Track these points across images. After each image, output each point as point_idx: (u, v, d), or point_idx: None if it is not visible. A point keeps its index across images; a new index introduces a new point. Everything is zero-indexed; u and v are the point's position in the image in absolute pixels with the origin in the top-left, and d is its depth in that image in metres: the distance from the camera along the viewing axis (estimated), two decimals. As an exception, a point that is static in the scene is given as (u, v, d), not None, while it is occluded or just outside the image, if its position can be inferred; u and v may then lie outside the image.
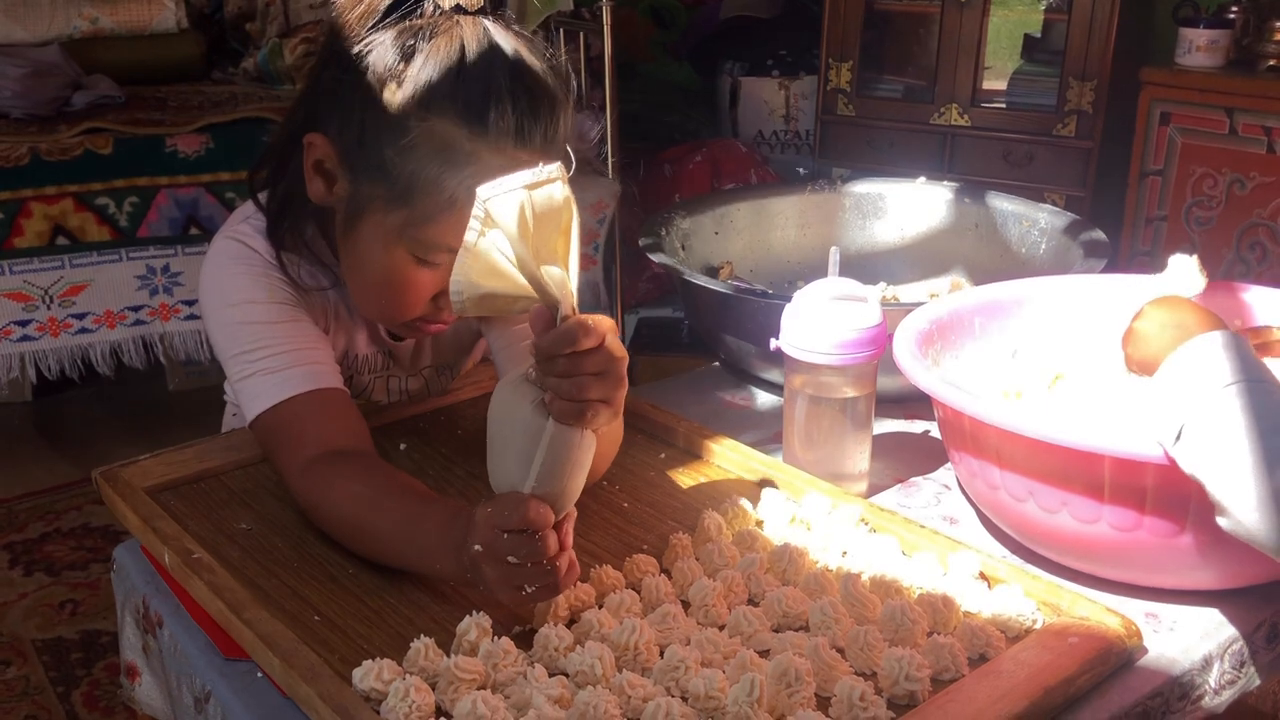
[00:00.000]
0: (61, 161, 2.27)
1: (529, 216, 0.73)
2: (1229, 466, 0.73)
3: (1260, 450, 0.72)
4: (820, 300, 1.01)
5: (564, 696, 0.75)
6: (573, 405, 0.77)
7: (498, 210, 0.73)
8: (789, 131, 3.35)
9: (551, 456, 0.79)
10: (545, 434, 0.79)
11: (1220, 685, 0.85)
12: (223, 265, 1.04)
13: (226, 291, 1.03)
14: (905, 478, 1.10)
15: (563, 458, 0.79)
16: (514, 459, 0.80)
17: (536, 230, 0.74)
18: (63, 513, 2.53)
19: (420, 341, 1.17)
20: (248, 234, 1.05)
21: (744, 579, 0.88)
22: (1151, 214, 2.60)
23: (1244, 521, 0.73)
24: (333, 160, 0.97)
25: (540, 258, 0.75)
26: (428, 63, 0.90)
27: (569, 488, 0.81)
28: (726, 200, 1.56)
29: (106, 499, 1.01)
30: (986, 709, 0.73)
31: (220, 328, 1.03)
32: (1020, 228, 1.48)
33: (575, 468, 0.81)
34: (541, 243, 0.75)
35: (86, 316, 2.36)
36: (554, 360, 0.77)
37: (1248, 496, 0.72)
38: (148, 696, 1.00)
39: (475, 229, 0.74)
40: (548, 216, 0.74)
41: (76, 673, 2.01)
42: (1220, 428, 0.74)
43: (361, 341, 1.13)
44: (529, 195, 0.73)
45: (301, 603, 0.87)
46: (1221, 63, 2.48)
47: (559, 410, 0.78)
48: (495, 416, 0.82)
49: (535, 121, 0.91)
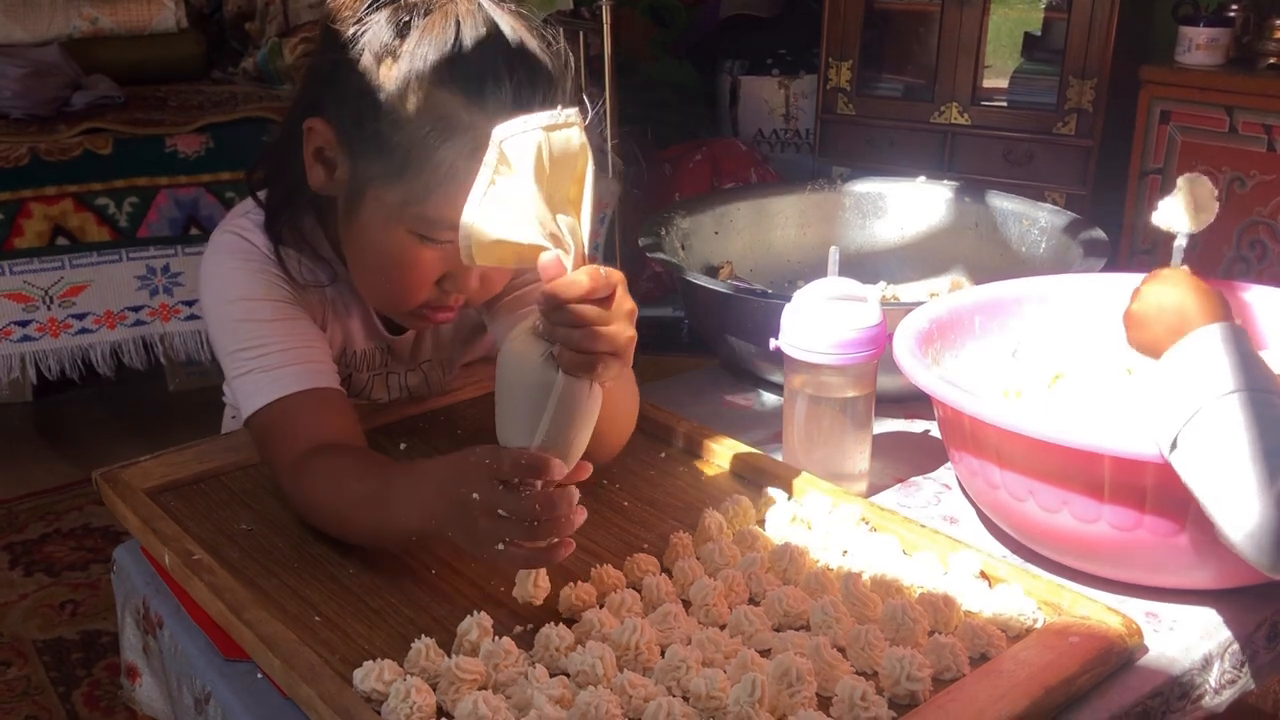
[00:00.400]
0: (61, 162, 2.27)
1: (545, 159, 0.72)
2: (1221, 485, 0.73)
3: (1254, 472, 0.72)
4: (820, 300, 1.01)
5: (565, 696, 0.75)
6: (582, 356, 0.77)
7: (513, 150, 0.72)
8: (789, 130, 3.35)
9: (561, 410, 0.78)
10: (555, 387, 0.77)
11: (1220, 685, 0.85)
12: (221, 260, 1.04)
13: (224, 287, 1.03)
14: (905, 477, 1.10)
15: (572, 411, 0.78)
16: (523, 412, 0.79)
17: (552, 174, 0.73)
18: (63, 513, 2.53)
19: (420, 335, 1.17)
20: (247, 228, 1.05)
21: (745, 578, 0.88)
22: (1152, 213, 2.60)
23: (1233, 539, 0.73)
24: (332, 145, 0.97)
25: (553, 203, 0.74)
26: (423, 38, 0.91)
27: (576, 442, 0.80)
28: (726, 199, 1.56)
29: (107, 500, 1.01)
30: (987, 708, 0.73)
31: (218, 323, 1.03)
32: (1020, 227, 1.47)
33: (584, 422, 0.80)
34: (555, 188, 0.74)
35: (87, 317, 2.36)
36: (562, 309, 0.76)
37: (1238, 515, 0.72)
38: (148, 697, 1.00)
39: (488, 173, 0.73)
40: (564, 161, 0.73)
41: (77, 673, 2.01)
42: (1214, 444, 0.74)
43: (359, 337, 1.13)
44: (546, 137, 0.72)
45: (302, 603, 0.87)
46: (1221, 61, 2.48)
47: (568, 361, 0.77)
48: (504, 370, 0.81)
49: (533, 91, 0.91)
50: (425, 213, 0.94)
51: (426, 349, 1.18)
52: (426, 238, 0.95)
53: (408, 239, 0.96)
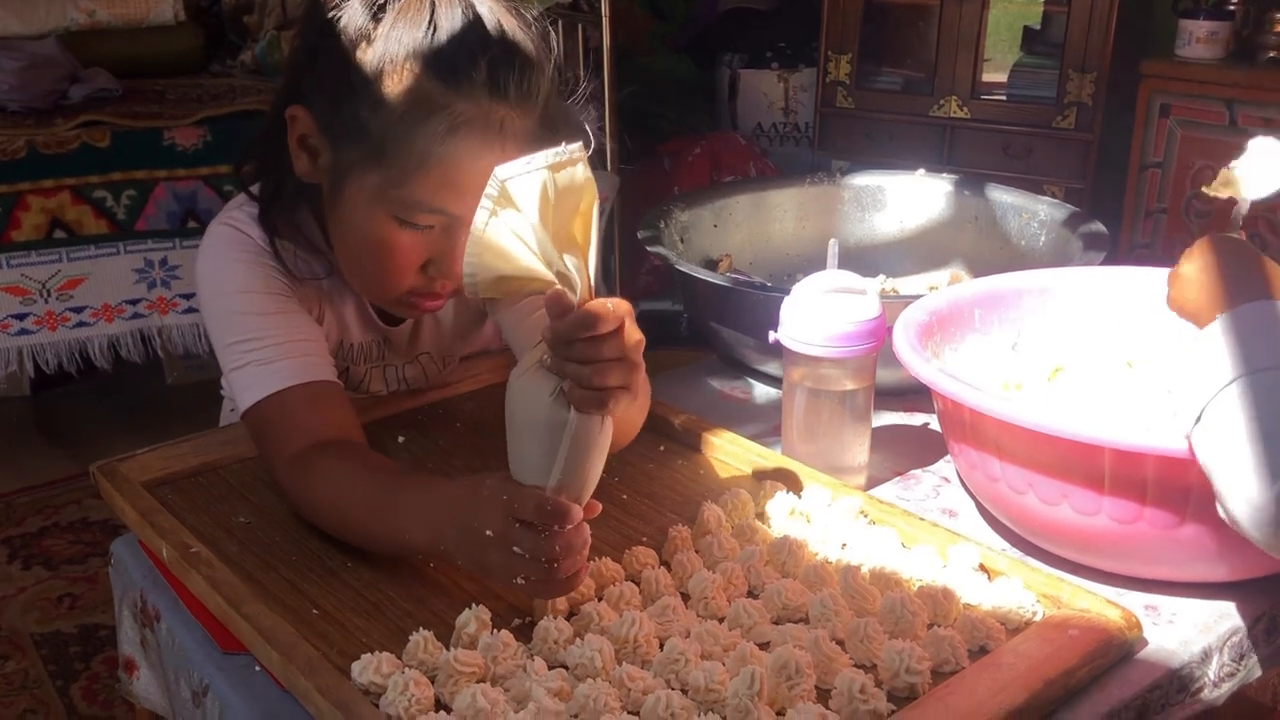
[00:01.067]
0: (58, 154, 2.27)
1: (550, 196, 0.72)
2: (1234, 458, 0.72)
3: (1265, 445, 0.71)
4: (819, 292, 1.01)
5: (564, 689, 0.75)
6: (593, 394, 0.76)
7: (518, 190, 0.72)
8: (788, 124, 3.34)
9: (575, 449, 0.78)
10: (568, 426, 0.77)
11: (1220, 678, 0.85)
12: (217, 253, 1.04)
13: (220, 280, 1.03)
14: (905, 470, 1.09)
15: (586, 448, 0.78)
16: (536, 450, 0.79)
17: (556, 210, 0.73)
18: (61, 507, 2.53)
19: (417, 327, 1.16)
20: (243, 220, 1.04)
21: (744, 571, 0.88)
22: (1151, 206, 2.60)
23: (1239, 518, 0.72)
24: (314, 131, 0.97)
25: (559, 239, 0.74)
26: (398, 19, 0.91)
27: (590, 476, 0.80)
28: (725, 193, 1.56)
29: (104, 493, 1.01)
30: (987, 701, 0.73)
31: (214, 316, 1.03)
32: (1020, 220, 1.47)
33: (597, 456, 0.80)
34: (560, 224, 0.74)
35: (84, 310, 2.36)
36: (571, 345, 0.75)
37: (1246, 492, 0.71)
38: (146, 690, 1.00)
39: (487, 209, 0.73)
40: (568, 198, 0.73)
41: (75, 666, 2.01)
42: (1234, 418, 0.73)
43: (356, 330, 1.13)
44: (551, 176, 0.72)
45: (300, 596, 0.87)
46: (1221, 54, 2.48)
47: (579, 399, 0.77)
48: (514, 408, 0.80)
49: (509, 72, 0.91)
50: (404, 196, 0.93)
51: (424, 341, 1.18)
52: (407, 222, 0.95)
53: (389, 223, 0.95)
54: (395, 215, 0.95)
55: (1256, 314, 0.78)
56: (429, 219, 0.95)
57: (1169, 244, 2.58)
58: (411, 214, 0.94)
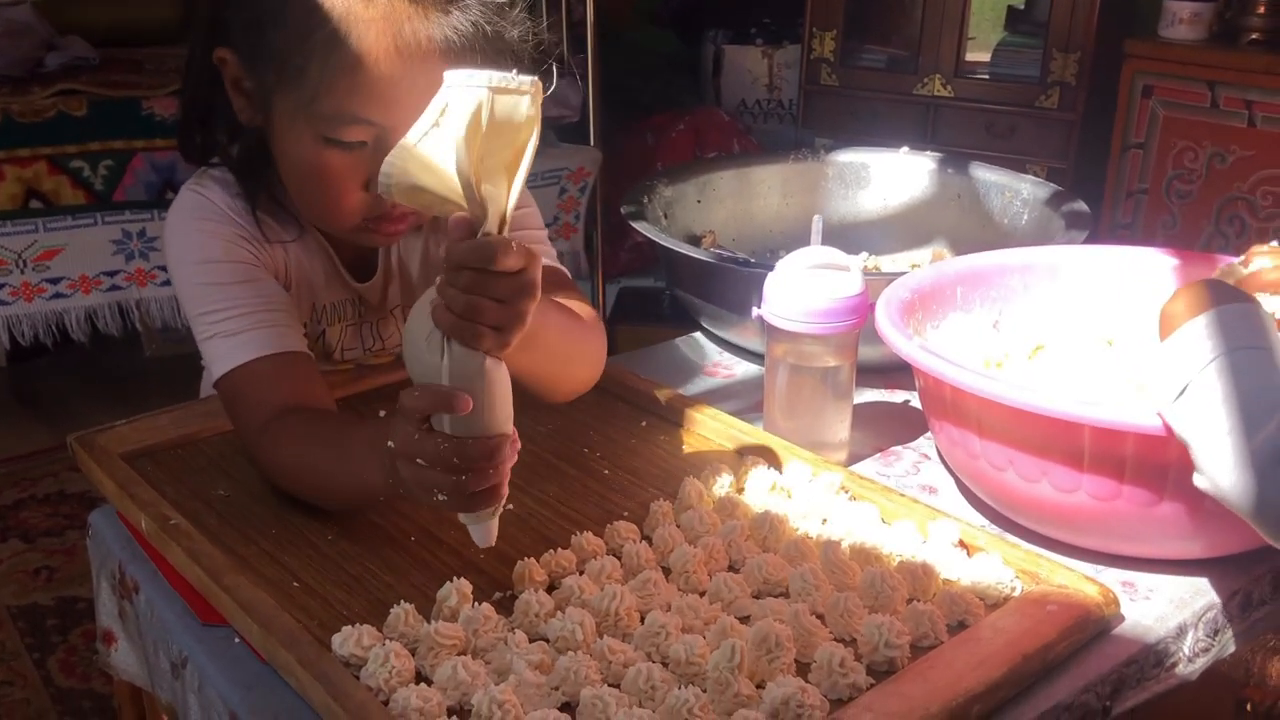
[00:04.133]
0: (34, 123, 2.24)
1: (484, 119, 0.70)
2: (1215, 426, 0.73)
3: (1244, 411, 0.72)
4: (803, 269, 1.01)
5: (544, 662, 0.75)
6: (459, 321, 0.75)
7: (454, 100, 0.70)
8: (772, 101, 3.34)
9: (455, 375, 0.76)
10: (445, 353, 0.76)
11: (1194, 653, 0.86)
12: (182, 220, 1.03)
13: (184, 249, 1.02)
14: (885, 447, 1.10)
15: (465, 375, 0.76)
16: (424, 373, 0.78)
17: (488, 137, 0.71)
18: (38, 479, 2.51)
19: (387, 281, 1.15)
20: (207, 185, 1.04)
21: (725, 546, 0.88)
22: (1133, 187, 2.61)
23: (1220, 482, 0.73)
24: (240, 69, 0.96)
25: (484, 166, 0.72)
26: None
27: (482, 406, 0.77)
28: (709, 169, 1.55)
29: (82, 464, 1.00)
30: (965, 675, 0.73)
31: (180, 286, 1.02)
32: (1003, 198, 1.47)
33: (484, 390, 0.77)
34: (490, 152, 0.72)
35: (61, 281, 2.33)
36: (460, 272, 0.74)
37: (1228, 457, 0.72)
38: (124, 662, 1.00)
39: (430, 117, 0.72)
40: (504, 127, 0.71)
41: (52, 639, 2.01)
42: (1215, 389, 0.74)
43: (326, 291, 1.11)
44: (490, 97, 0.70)
45: (280, 569, 0.87)
46: (1204, 35, 2.48)
47: (443, 321, 0.75)
48: (406, 330, 0.80)
49: None
50: (322, 109, 0.92)
51: (395, 293, 1.17)
52: (332, 139, 0.94)
53: (317, 145, 0.94)
54: (320, 134, 0.94)
55: (1235, 310, 0.79)
56: (354, 133, 0.93)
57: (1150, 224, 2.59)
58: (334, 129, 0.93)
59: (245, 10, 0.94)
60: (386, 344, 1.19)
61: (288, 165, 0.99)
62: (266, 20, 0.92)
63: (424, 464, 0.78)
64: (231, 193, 1.03)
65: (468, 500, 0.79)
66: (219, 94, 0.99)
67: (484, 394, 0.77)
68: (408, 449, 0.78)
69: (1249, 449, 0.71)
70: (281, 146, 0.98)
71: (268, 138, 0.99)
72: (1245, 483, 0.71)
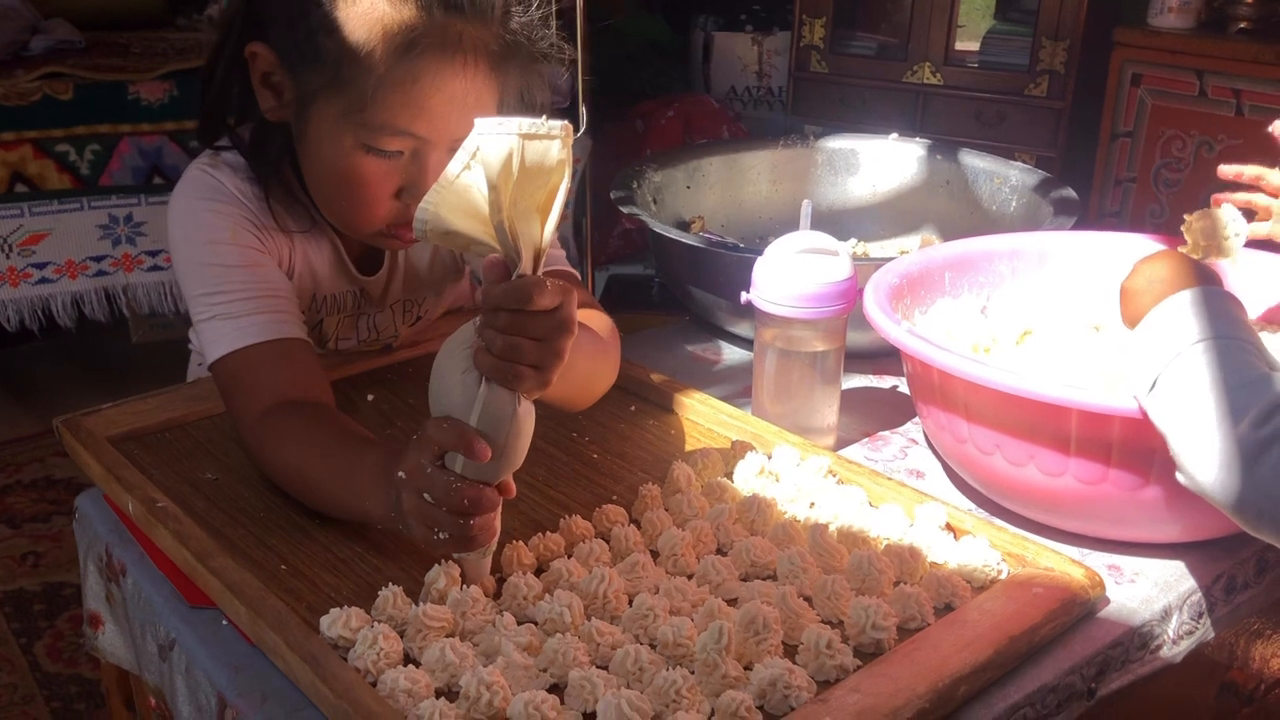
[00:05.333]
0: (20, 107, 2.23)
1: (514, 165, 0.71)
2: (1191, 421, 0.74)
3: (1220, 407, 0.72)
4: (792, 253, 1.01)
5: (533, 644, 0.75)
6: (499, 363, 0.75)
7: (485, 148, 0.71)
8: (761, 88, 3.33)
9: (486, 416, 0.77)
10: (479, 393, 0.77)
11: (1179, 635, 0.87)
12: (189, 199, 1.02)
13: (190, 228, 1.01)
14: (873, 432, 1.10)
15: (496, 418, 0.77)
16: (451, 411, 0.78)
17: (520, 182, 0.72)
18: (24, 465, 2.50)
19: (392, 276, 1.15)
20: (216, 165, 1.03)
21: (713, 529, 0.88)
22: (1121, 175, 2.62)
23: (1199, 478, 0.74)
24: (275, 67, 0.96)
25: (517, 210, 0.73)
26: None
27: (507, 449, 0.78)
28: (699, 154, 1.55)
29: (69, 447, 1.00)
30: (951, 657, 0.74)
31: (183, 264, 1.01)
32: (991, 185, 1.48)
33: (511, 432, 0.78)
34: (522, 196, 0.73)
35: (47, 266, 2.32)
36: (498, 313, 0.75)
37: (1207, 453, 0.72)
38: (111, 645, 0.99)
39: (462, 160, 0.73)
40: (536, 172, 0.72)
41: (39, 624, 2.00)
42: (1188, 382, 0.75)
43: (330, 281, 1.11)
44: (521, 144, 0.71)
45: (268, 552, 0.87)
46: (1193, 24, 2.49)
47: (484, 363, 0.76)
48: (437, 365, 0.80)
49: None
50: (367, 120, 0.92)
51: (398, 289, 1.17)
52: (374, 148, 0.94)
53: (356, 152, 0.94)
54: (362, 142, 0.94)
55: (1202, 295, 0.79)
56: (396, 143, 0.93)
57: (1138, 213, 2.60)
58: (377, 139, 0.93)
59: (291, 11, 0.93)
60: (381, 335, 1.19)
61: (319, 166, 0.98)
62: (317, 26, 0.91)
63: (430, 500, 0.78)
64: (242, 177, 1.02)
65: (468, 541, 0.79)
66: (242, 83, 0.99)
67: (508, 440, 0.78)
68: (417, 481, 0.78)
69: (1224, 445, 0.71)
70: (315, 148, 0.97)
71: (295, 134, 0.98)
72: (1223, 479, 0.72)
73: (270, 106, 0.98)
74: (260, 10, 0.96)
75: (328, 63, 0.91)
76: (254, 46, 0.96)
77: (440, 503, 0.77)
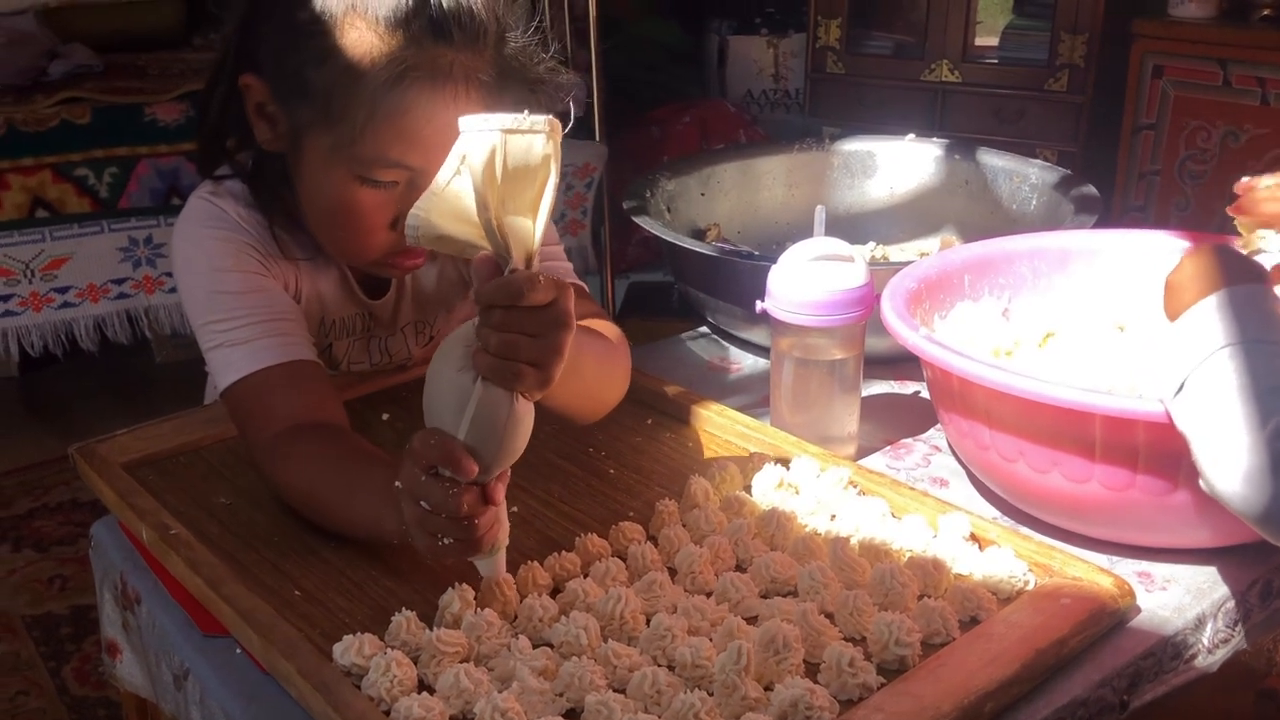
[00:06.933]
0: (38, 132, 2.24)
1: (498, 162, 0.70)
2: (1214, 427, 0.71)
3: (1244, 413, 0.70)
4: (806, 260, 0.99)
5: (549, 668, 0.74)
6: (497, 362, 0.74)
7: (469, 146, 0.70)
8: (778, 90, 3.31)
9: (480, 418, 0.76)
10: (474, 393, 0.75)
11: (1214, 644, 0.84)
12: (191, 228, 1.02)
13: (193, 256, 1.01)
14: (895, 440, 1.08)
15: (491, 420, 0.76)
16: (445, 417, 0.77)
17: (507, 180, 0.71)
18: (50, 488, 2.51)
19: (400, 298, 1.14)
20: (218, 193, 1.02)
21: (731, 545, 0.87)
22: (1145, 169, 2.58)
23: (1220, 486, 0.71)
24: (268, 98, 0.95)
25: (506, 207, 0.72)
26: None
27: (500, 451, 0.77)
28: (713, 161, 1.54)
29: (84, 475, 1.00)
30: (978, 672, 0.72)
31: (187, 294, 1.01)
32: (1011, 184, 1.45)
33: (506, 433, 0.76)
34: (511, 193, 0.72)
35: (69, 290, 2.33)
36: (491, 311, 0.74)
37: (1229, 460, 0.70)
38: (129, 673, 0.99)
39: (453, 166, 0.72)
40: (522, 168, 0.71)
41: (67, 648, 2.01)
42: (1214, 387, 0.72)
43: (337, 305, 1.10)
44: (503, 140, 0.70)
45: (281, 577, 0.86)
46: (1214, 13, 2.45)
47: (481, 364, 0.75)
48: (432, 365, 0.79)
49: (452, 14, 0.88)
50: (360, 152, 0.91)
51: (407, 311, 1.16)
52: (368, 179, 0.93)
53: (350, 183, 0.93)
54: (355, 174, 0.93)
55: (1242, 294, 0.77)
56: (389, 174, 0.92)
57: (1163, 206, 2.56)
58: (370, 170, 0.92)
59: (280, 43, 0.92)
60: (394, 359, 1.18)
61: (314, 198, 0.97)
62: (306, 59, 0.90)
63: (428, 508, 0.77)
64: (244, 204, 1.02)
65: (474, 544, 0.78)
66: (238, 113, 0.98)
67: (506, 440, 0.77)
68: (413, 489, 0.77)
69: (1247, 453, 0.69)
70: (310, 180, 0.96)
71: (290, 165, 0.98)
72: (1245, 488, 0.69)
73: (266, 138, 0.97)
74: (253, 42, 0.95)
75: (318, 96, 0.90)
76: (247, 78, 0.95)
77: (438, 509, 0.76)
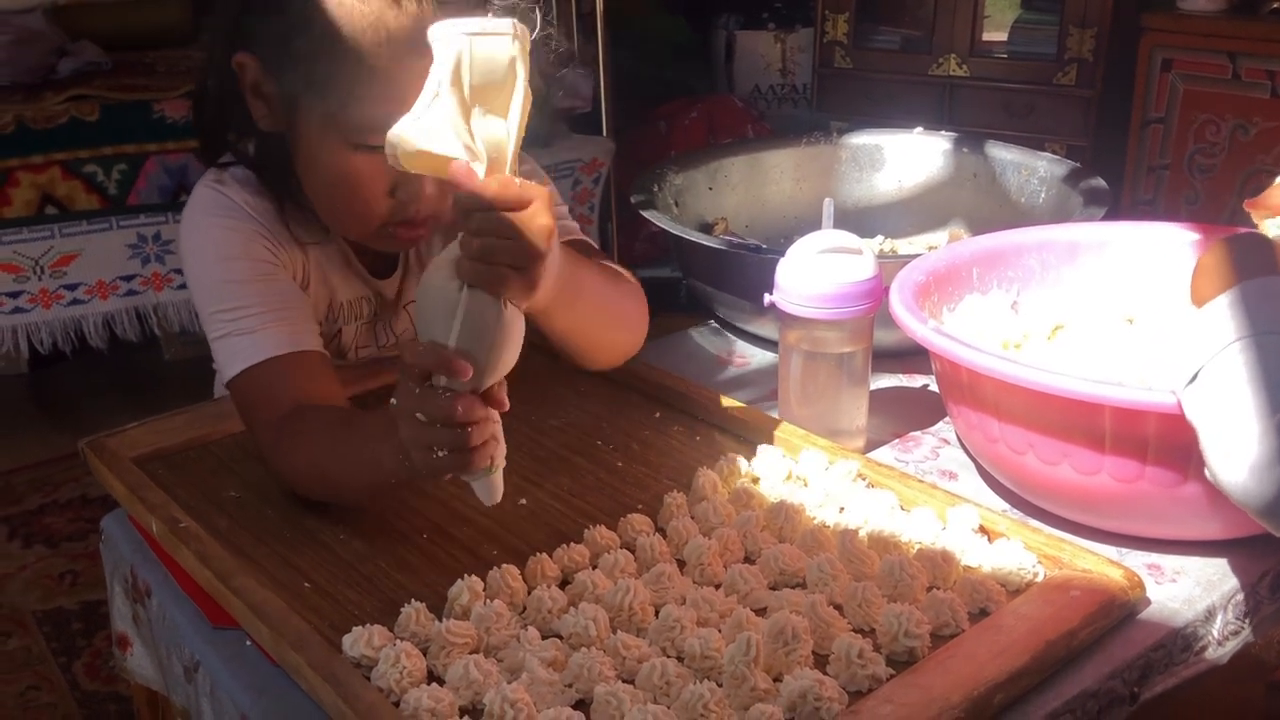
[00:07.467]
0: (48, 129, 2.24)
1: (465, 66, 0.71)
2: (1222, 418, 0.71)
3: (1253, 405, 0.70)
4: (814, 253, 0.99)
5: (558, 659, 0.74)
6: (480, 266, 0.75)
7: (437, 49, 0.71)
8: (786, 85, 3.31)
9: (468, 327, 0.76)
10: (460, 300, 0.76)
11: (1224, 636, 0.84)
12: (198, 217, 1.02)
13: (201, 245, 1.01)
14: (903, 433, 1.08)
15: (479, 328, 0.76)
16: (433, 321, 0.77)
17: (476, 83, 0.72)
18: (60, 484, 2.52)
19: (406, 277, 1.14)
20: (225, 181, 1.03)
21: (740, 537, 0.87)
22: (1154, 162, 2.57)
23: (1225, 478, 0.71)
24: (262, 75, 0.95)
25: (479, 113, 0.73)
26: None
27: (492, 355, 0.77)
28: (720, 155, 1.54)
29: (94, 469, 1.00)
30: (987, 664, 0.72)
31: (196, 282, 1.01)
32: (1019, 177, 1.45)
33: (496, 338, 0.77)
34: (482, 100, 0.73)
35: (78, 287, 2.34)
36: (469, 216, 0.75)
37: (1235, 452, 0.70)
38: (139, 666, 0.99)
39: (431, 90, 0.73)
40: (489, 72, 0.72)
41: (77, 643, 2.01)
42: (1225, 378, 0.72)
43: (344, 289, 1.11)
44: (469, 42, 0.71)
45: (291, 570, 0.86)
46: (1223, 6, 2.44)
47: (465, 270, 0.75)
48: (421, 281, 0.80)
49: None
50: (350, 118, 0.91)
51: (412, 290, 1.16)
52: (360, 145, 0.93)
53: (343, 151, 0.94)
54: (349, 141, 0.93)
55: (1261, 287, 0.76)
56: (381, 138, 0.93)
57: (1172, 200, 2.55)
58: (362, 136, 0.92)
59: (269, 17, 0.93)
60: (400, 340, 1.18)
61: (313, 170, 0.98)
62: (292, 28, 0.91)
63: (424, 420, 0.77)
64: (250, 191, 1.02)
65: (468, 456, 0.78)
66: (235, 97, 0.98)
67: (496, 346, 0.77)
68: (408, 403, 0.78)
69: (1254, 445, 0.69)
70: (307, 152, 0.97)
71: (288, 142, 0.98)
72: (1249, 480, 0.69)
73: (263, 116, 0.97)
74: (244, 21, 0.96)
75: (310, 65, 0.91)
76: (240, 57, 0.95)
77: (434, 419, 0.76)
